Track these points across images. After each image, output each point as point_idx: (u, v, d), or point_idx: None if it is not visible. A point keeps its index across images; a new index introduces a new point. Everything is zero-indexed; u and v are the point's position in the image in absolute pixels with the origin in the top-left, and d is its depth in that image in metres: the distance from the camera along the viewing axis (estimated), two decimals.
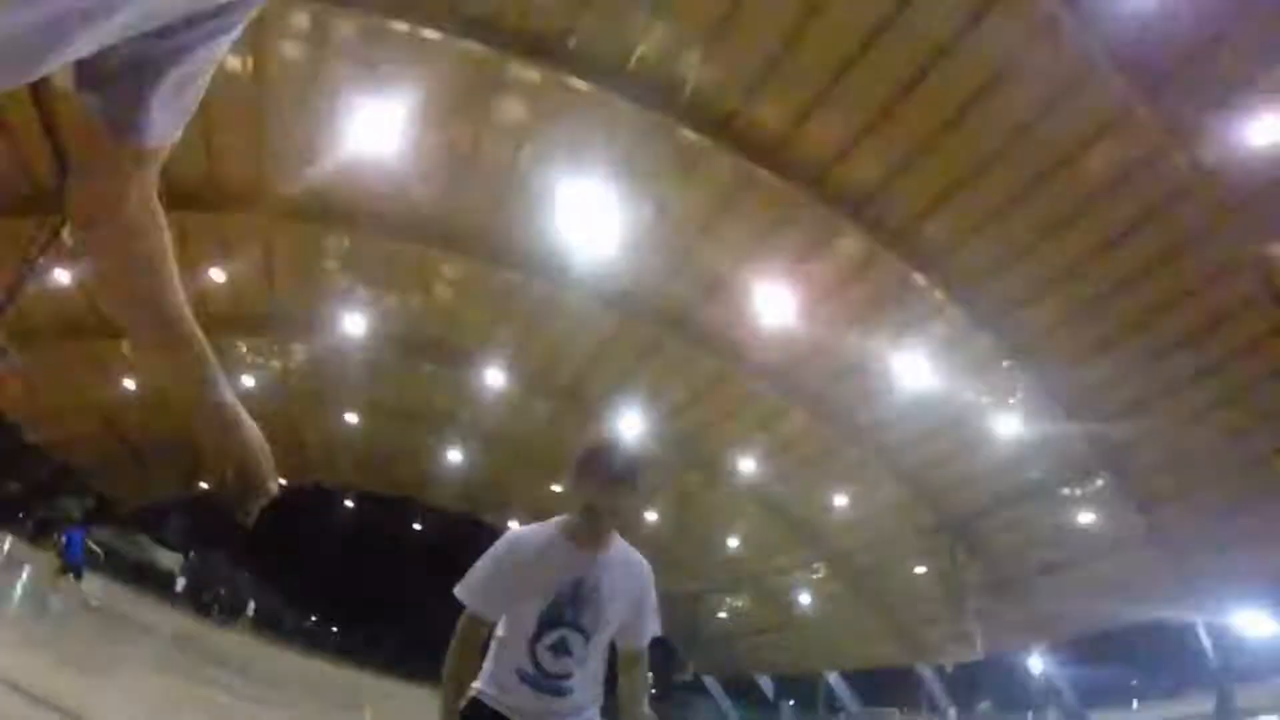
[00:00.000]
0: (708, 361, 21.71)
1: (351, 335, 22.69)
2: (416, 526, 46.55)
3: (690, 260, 18.58)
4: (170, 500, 35.20)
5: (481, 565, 2.62)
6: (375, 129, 15.41)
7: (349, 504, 45.17)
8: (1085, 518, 22.58)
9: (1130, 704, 46.97)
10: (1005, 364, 19.34)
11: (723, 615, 36.78)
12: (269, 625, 34.12)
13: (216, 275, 20.55)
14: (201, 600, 26.88)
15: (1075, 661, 27.76)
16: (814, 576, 30.25)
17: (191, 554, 34.64)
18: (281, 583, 44.88)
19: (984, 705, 26.49)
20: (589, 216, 16.94)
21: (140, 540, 33.70)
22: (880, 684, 37.03)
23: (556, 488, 31.09)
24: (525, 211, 17.54)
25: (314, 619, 50.36)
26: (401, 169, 16.55)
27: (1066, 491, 22.47)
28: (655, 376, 22.93)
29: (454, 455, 31.63)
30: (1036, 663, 27.95)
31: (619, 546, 2.66)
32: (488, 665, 2.57)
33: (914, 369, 19.76)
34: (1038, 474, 22.26)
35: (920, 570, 25.96)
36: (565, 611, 2.53)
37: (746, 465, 24.97)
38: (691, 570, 33.53)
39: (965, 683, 27.95)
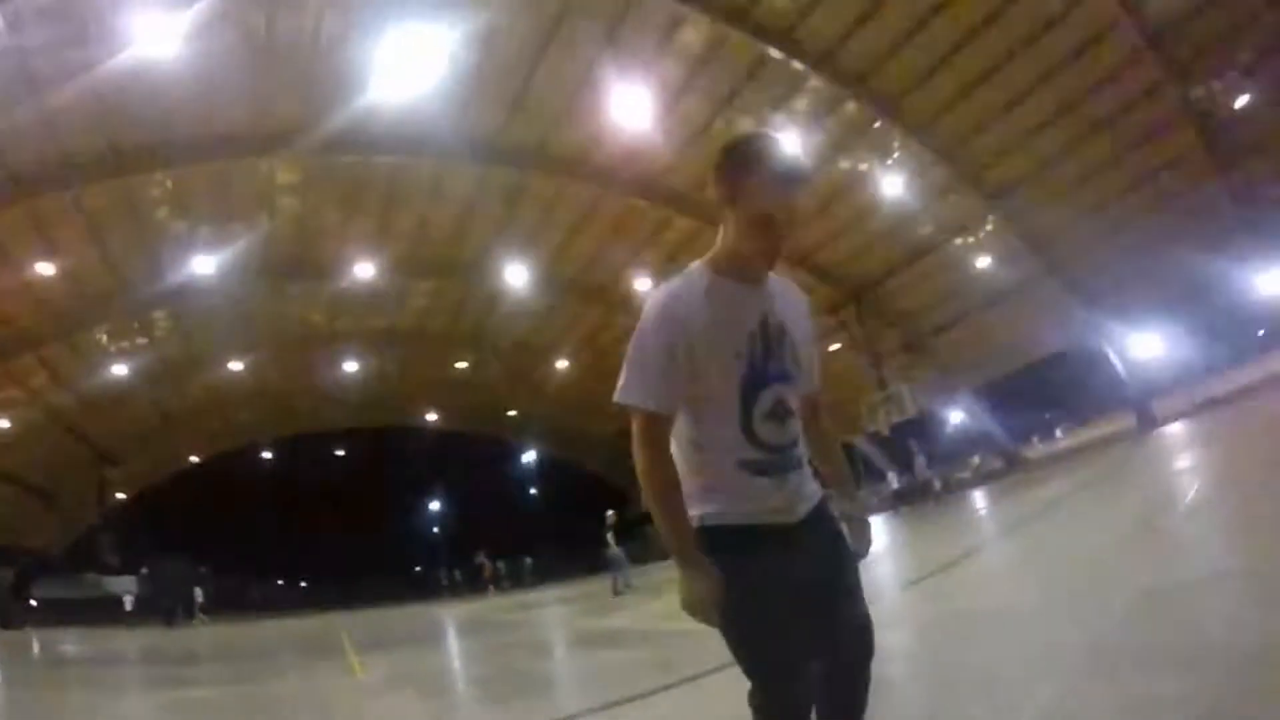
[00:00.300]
0: (579, 190, 20.99)
1: (205, 278, 20.59)
2: (339, 453, 45.36)
3: (533, 90, 17.37)
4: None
5: (647, 352, 1.98)
6: (146, 33, 12.98)
7: (266, 455, 43.29)
8: (982, 264, 23.07)
9: (1054, 434, 50.70)
10: (876, 125, 19.05)
11: None
12: (233, 605, 33.56)
13: (45, 269, 18.68)
14: (162, 609, 26.24)
15: (999, 404, 29.17)
16: None
17: (143, 569, 33.55)
18: (239, 556, 43.57)
19: (920, 460, 27.83)
20: (414, 71, 15.52)
21: (86, 578, 32.25)
22: None
23: (462, 364, 30.76)
24: (341, 88, 15.75)
25: (280, 582, 49.44)
26: (211, 75, 14.53)
27: (959, 242, 22.90)
28: (530, 221, 22.07)
29: (351, 369, 30.15)
30: (959, 414, 29.40)
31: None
32: (690, 485, 1.96)
33: (788, 147, 19.12)
34: (928, 230, 22.61)
35: (835, 348, 26.46)
36: (765, 365, 2.01)
37: (643, 285, 24.81)
38: (615, 408, 33.94)
39: (901, 445, 29.21)
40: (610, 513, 17.09)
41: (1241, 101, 18.26)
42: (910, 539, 12.52)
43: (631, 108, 17.41)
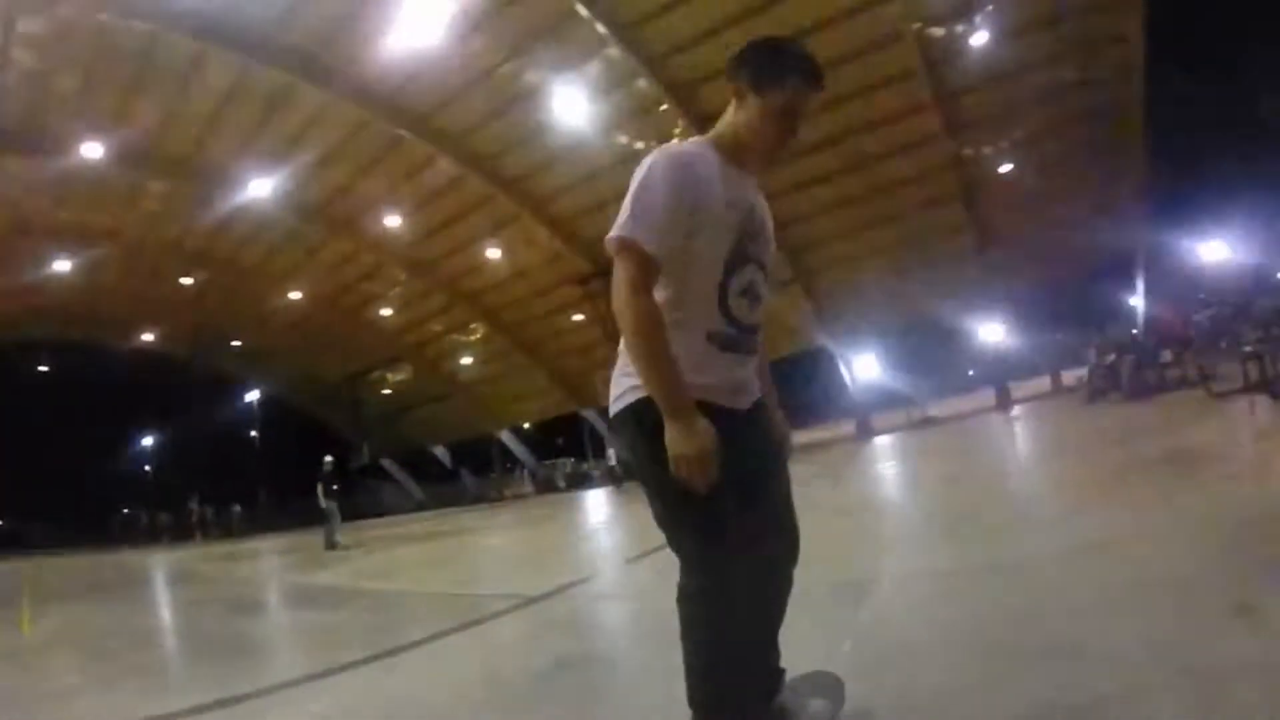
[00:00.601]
0: (346, 111, 19.08)
1: None
2: (42, 369, 37.42)
3: None
4: None
5: (655, 195, 1.90)
6: None
7: None
8: None
9: None
10: (662, 108, 19.07)
11: (388, 392, 35.62)
12: None
13: None
14: None
15: None
16: (473, 338, 29.91)
17: None
18: None
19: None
20: None
21: None
22: (551, 435, 39.28)
23: (187, 280, 27.32)
24: None
25: None
26: None
27: None
28: (287, 133, 19.85)
29: (62, 269, 24.79)
30: None
31: None
32: None
33: (570, 111, 18.92)
34: None
35: (578, 318, 26.43)
36: (748, 245, 2.03)
37: (393, 223, 23.15)
38: (349, 349, 32.02)
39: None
40: (328, 459, 15.54)
41: (1004, 168, 21.05)
42: (636, 513, 12.72)
43: (420, 33, 16.20)
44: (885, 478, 10.93)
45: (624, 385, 2.00)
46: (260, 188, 21.20)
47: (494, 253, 24.94)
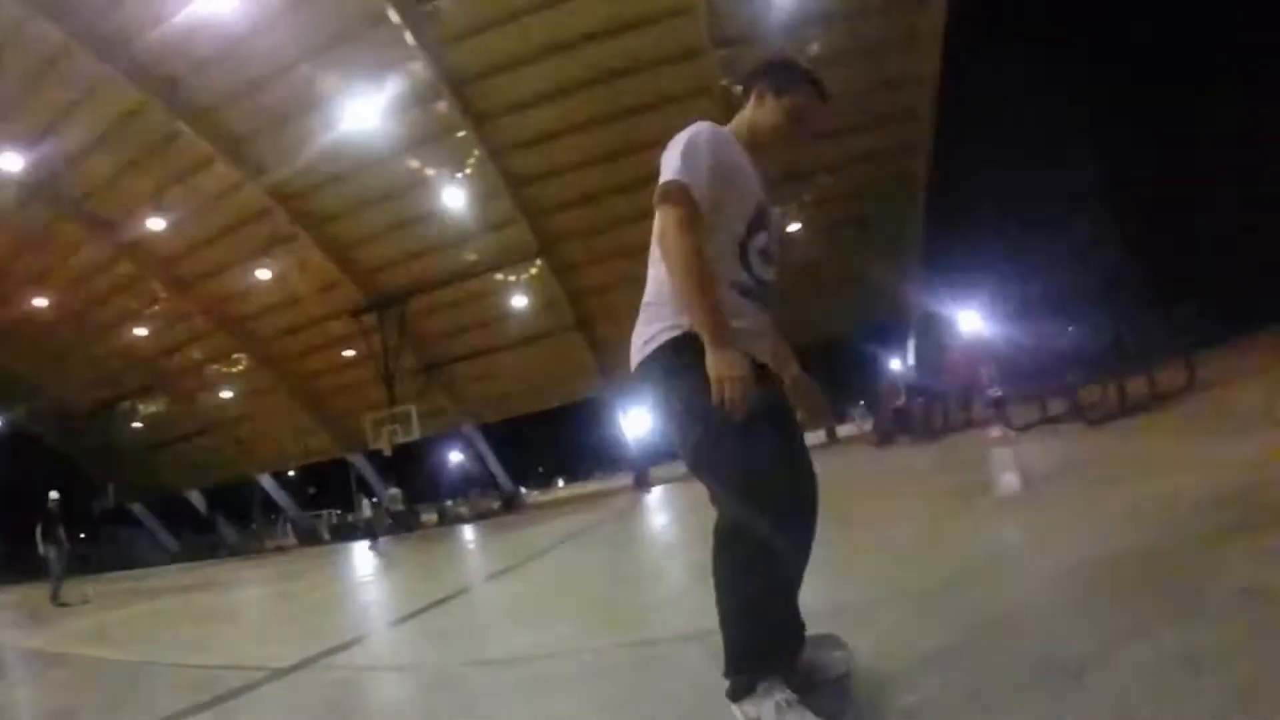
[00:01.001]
0: (120, 88, 16.85)
1: None
2: None
3: None
4: None
5: (700, 152, 2.14)
6: None
7: None
8: (518, 304, 23.83)
9: (557, 482, 54.89)
10: (459, 135, 18.74)
11: (139, 425, 31.44)
12: None
13: None
14: None
15: (505, 442, 30.38)
16: (236, 369, 27.18)
17: None
18: None
19: (393, 493, 26.97)
20: None
21: None
22: (316, 480, 36.69)
23: None
24: None
25: None
26: None
27: (500, 277, 23.16)
28: (53, 104, 17.43)
29: None
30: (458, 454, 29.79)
31: None
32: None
33: (363, 125, 17.99)
34: (473, 257, 22.60)
35: (349, 354, 25.17)
36: (765, 215, 2.30)
37: (158, 229, 21.03)
38: (98, 374, 28.32)
39: (400, 466, 28.81)
40: (53, 495, 12.67)
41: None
42: (404, 568, 11.73)
43: (216, 14, 15.16)
44: (643, 537, 10.24)
45: (655, 329, 2.16)
46: (9, 162, 18.32)
47: (265, 274, 22.96)
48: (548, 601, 5.22)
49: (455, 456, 30.10)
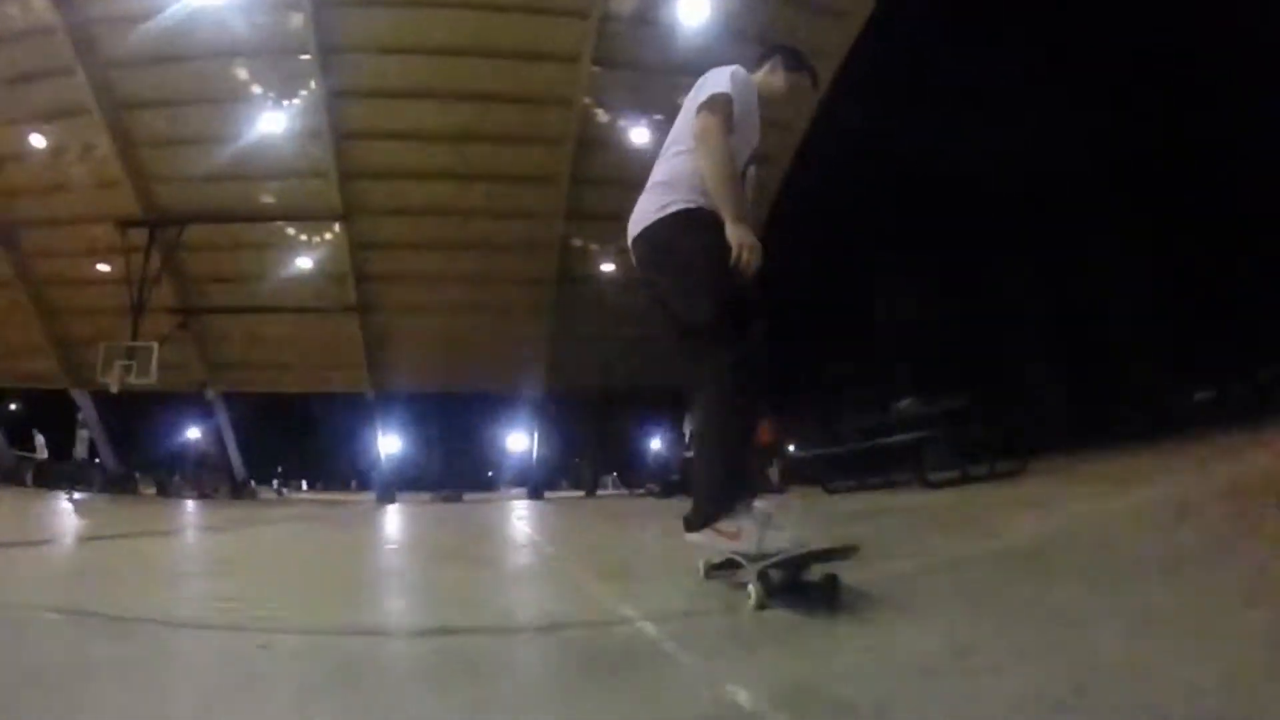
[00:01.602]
0: None
1: None
2: None
3: None
4: None
5: (738, 83, 3.00)
6: None
7: None
8: (302, 264, 22.23)
9: (300, 484, 50.95)
10: (304, 58, 17.50)
11: None
12: None
13: None
14: None
15: (250, 424, 27.84)
16: None
17: None
18: None
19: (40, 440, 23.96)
20: None
21: None
22: (32, 413, 32.40)
23: None
24: None
25: None
26: None
27: (292, 231, 21.80)
28: None
29: None
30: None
31: None
32: (698, 186, 2.90)
33: (202, 6, 16.42)
34: (273, 199, 21.12)
35: (104, 269, 22.31)
36: (757, 149, 3.26)
37: None
38: None
39: (125, 419, 25.77)
40: None
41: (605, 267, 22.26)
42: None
43: None
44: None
45: (668, 200, 2.93)
46: None
47: (38, 143, 19.98)
48: None
49: (193, 433, 27.02)
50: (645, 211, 3.00)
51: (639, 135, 19.15)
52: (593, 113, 18.90)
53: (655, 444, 31.44)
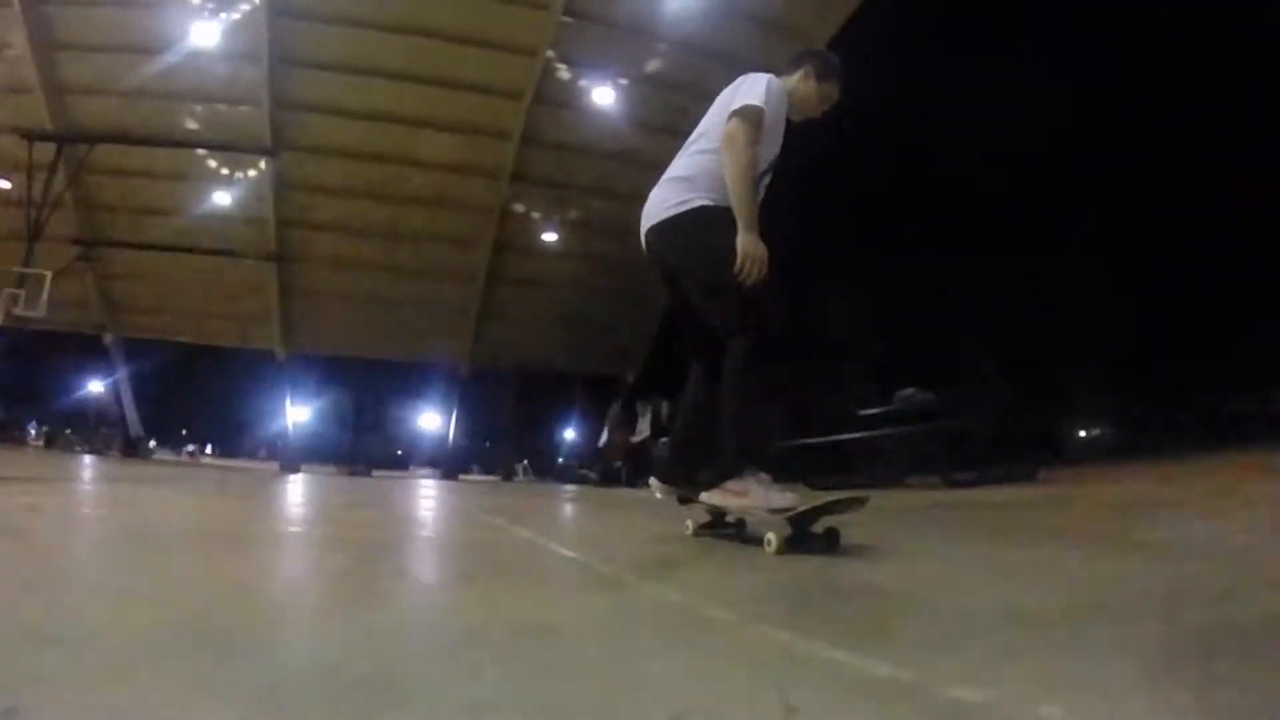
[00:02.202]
0: None
1: None
2: None
3: None
4: None
5: (771, 95, 3.21)
6: None
7: None
8: (220, 200, 20.58)
9: (204, 448, 48.43)
10: None
11: None
12: None
13: None
14: None
15: (151, 379, 26.06)
16: None
17: None
18: None
19: None
20: None
21: None
22: None
23: None
24: None
25: None
26: None
27: (214, 163, 20.18)
28: None
29: None
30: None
31: None
32: (716, 186, 3.18)
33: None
34: (196, 125, 19.48)
35: (3, 185, 20.46)
36: (777, 160, 3.38)
37: None
38: None
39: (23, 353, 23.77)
40: None
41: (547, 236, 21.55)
42: None
43: None
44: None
45: (687, 195, 3.25)
46: None
47: None
48: None
49: (96, 387, 25.19)
50: (664, 204, 3.30)
51: (601, 97, 18.38)
52: (555, 67, 17.96)
53: (569, 433, 30.63)
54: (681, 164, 3.35)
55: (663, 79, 18.09)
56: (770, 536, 2.77)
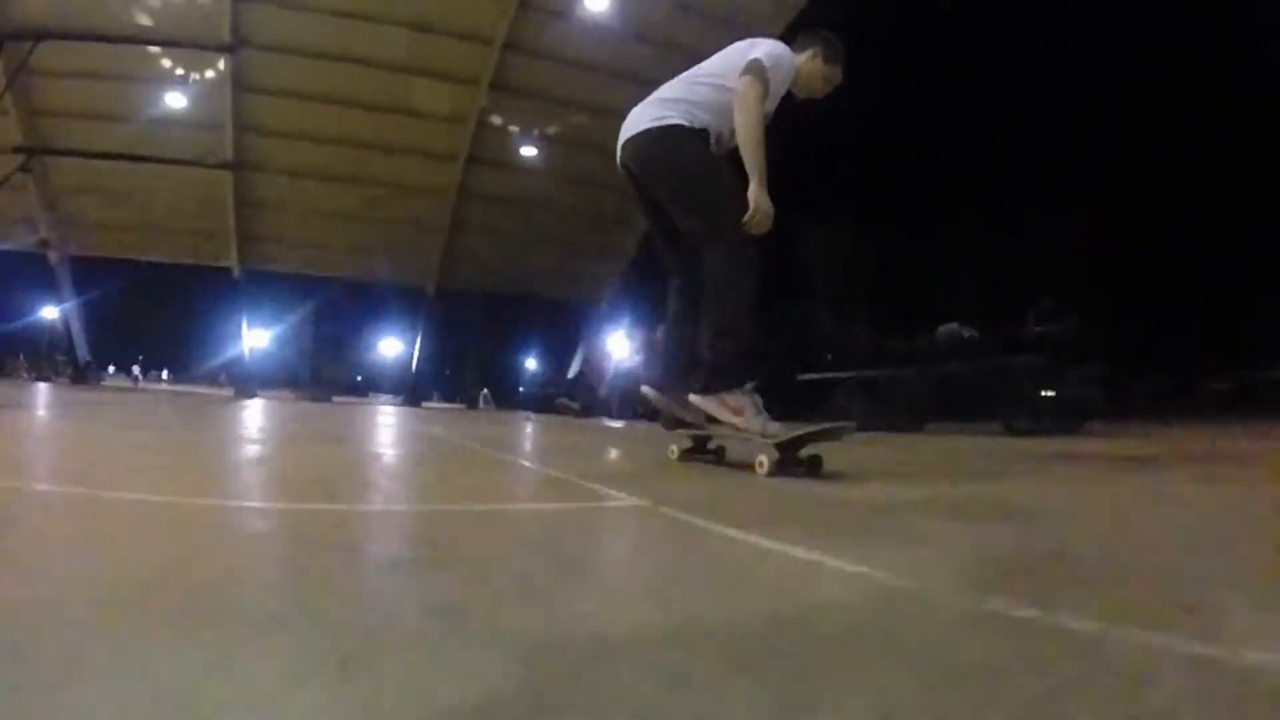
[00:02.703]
0: None
1: None
2: None
3: None
4: None
5: (780, 64, 3.38)
6: None
7: None
8: (175, 103, 19.38)
9: (160, 374, 46.59)
10: None
11: None
12: None
13: None
14: None
15: (102, 303, 24.86)
16: None
17: None
18: None
19: None
20: None
21: None
22: None
23: None
24: None
25: None
26: None
27: (168, 62, 18.87)
28: None
29: None
30: None
31: None
32: (697, 116, 3.38)
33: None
34: (148, 19, 17.96)
35: None
36: (767, 121, 3.40)
37: None
38: None
39: None
40: None
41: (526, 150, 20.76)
42: None
43: None
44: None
45: (663, 113, 3.40)
46: None
47: None
48: None
49: (50, 312, 23.92)
50: (641, 119, 3.45)
51: (595, 3, 17.59)
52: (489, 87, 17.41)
53: (531, 362, 30.06)
54: (675, 87, 3.52)
55: None
56: (764, 460, 2.99)
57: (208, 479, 2.72)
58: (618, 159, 3.54)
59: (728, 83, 3.32)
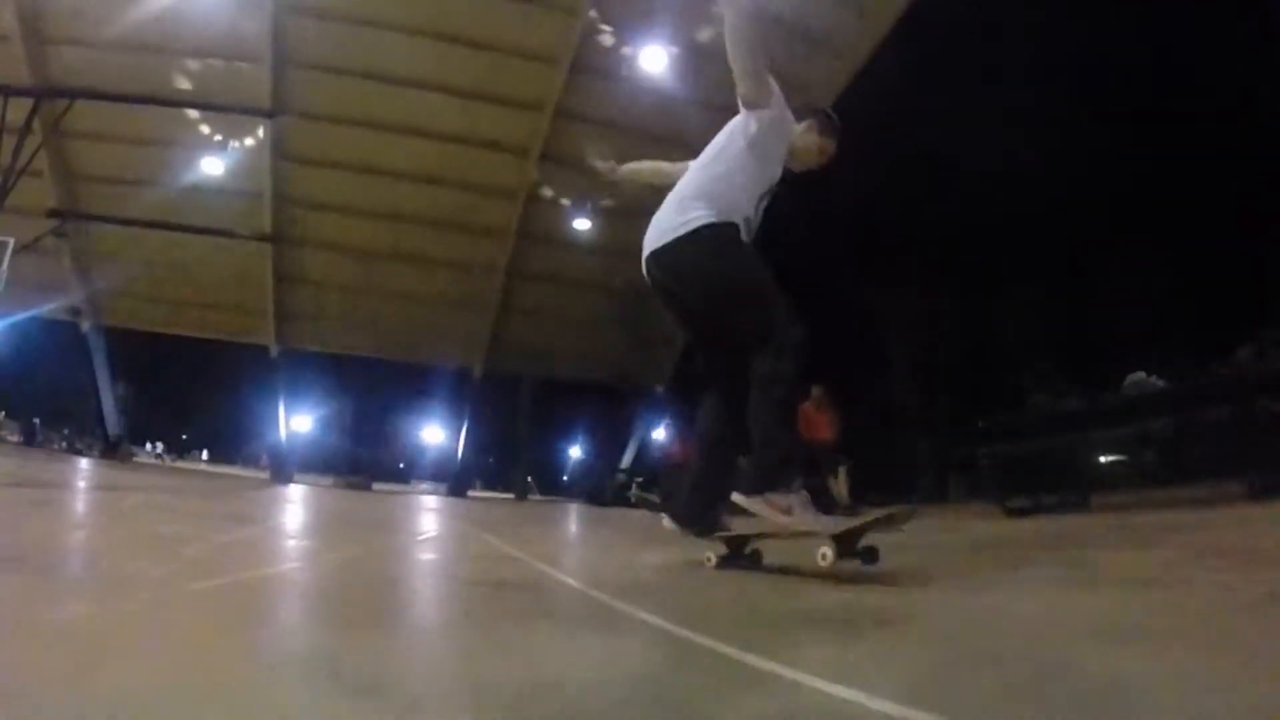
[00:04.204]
0: None
1: None
2: None
3: None
4: None
5: (781, 107, 3.25)
6: None
7: None
8: (212, 170, 18.08)
9: (200, 454, 45.60)
10: None
11: None
12: None
13: None
14: None
15: (137, 374, 23.74)
16: None
17: None
18: None
19: None
20: None
21: None
22: None
23: None
24: None
25: None
26: None
27: (207, 128, 17.67)
28: None
29: None
30: None
31: None
32: (720, 205, 3.12)
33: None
34: (189, 82, 16.85)
35: None
36: (776, 187, 3.33)
37: None
38: None
39: None
40: None
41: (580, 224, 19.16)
42: None
43: None
44: None
45: (689, 215, 3.11)
46: None
47: None
48: None
49: (78, 379, 22.91)
50: (669, 224, 3.19)
51: (650, 61, 15.87)
52: (598, 28, 15.55)
53: (575, 450, 28.36)
54: (691, 182, 3.30)
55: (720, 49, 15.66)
56: (827, 551, 2.83)
57: None
58: (644, 271, 3.29)
59: (736, 141, 3.23)
